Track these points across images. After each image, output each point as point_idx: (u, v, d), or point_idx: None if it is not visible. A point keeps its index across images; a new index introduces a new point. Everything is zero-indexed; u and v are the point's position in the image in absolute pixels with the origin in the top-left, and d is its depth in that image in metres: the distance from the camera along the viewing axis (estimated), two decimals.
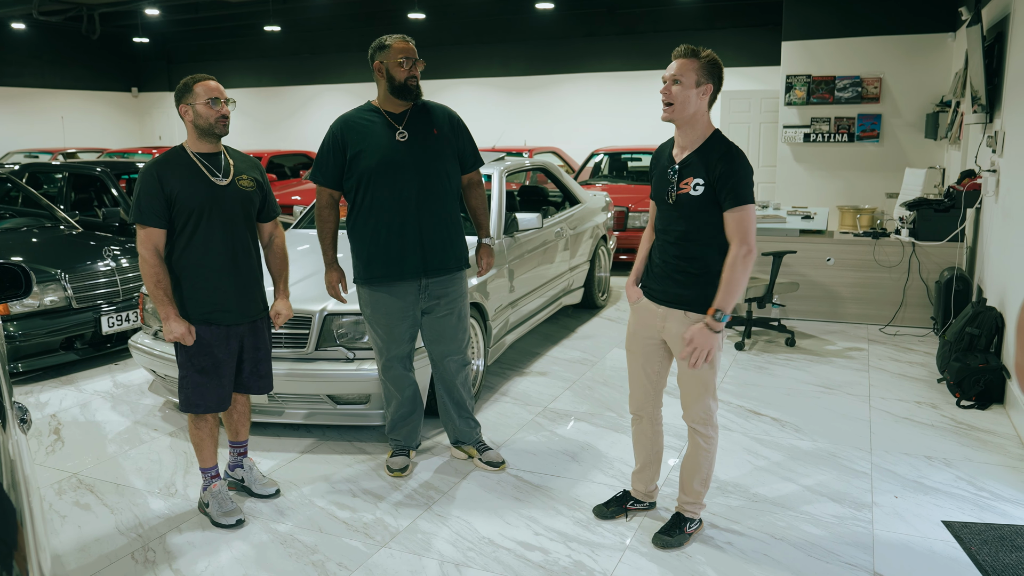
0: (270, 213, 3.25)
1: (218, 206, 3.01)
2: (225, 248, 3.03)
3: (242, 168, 3.13)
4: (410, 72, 3.26)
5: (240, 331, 3.12)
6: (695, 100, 2.65)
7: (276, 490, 3.36)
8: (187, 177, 2.98)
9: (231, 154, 3.15)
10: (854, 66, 8.61)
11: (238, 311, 3.09)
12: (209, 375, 3.07)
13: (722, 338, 2.79)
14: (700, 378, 2.79)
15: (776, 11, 9.90)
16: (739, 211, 2.63)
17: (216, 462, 3.24)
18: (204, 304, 3.03)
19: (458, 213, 3.48)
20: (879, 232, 5.95)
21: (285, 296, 3.27)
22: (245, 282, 3.10)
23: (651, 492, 3.17)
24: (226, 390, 3.13)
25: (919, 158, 8.46)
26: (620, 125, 14.52)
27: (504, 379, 4.84)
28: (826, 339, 5.63)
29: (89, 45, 17.43)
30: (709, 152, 2.68)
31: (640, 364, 2.95)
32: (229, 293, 3.05)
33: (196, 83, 2.99)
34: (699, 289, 2.73)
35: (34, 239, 5.73)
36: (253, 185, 3.12)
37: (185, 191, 2.96)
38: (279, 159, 12.02)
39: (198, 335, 3.03)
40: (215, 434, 3.22)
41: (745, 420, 4.15)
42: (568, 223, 5.87)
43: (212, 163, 3.05)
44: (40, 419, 4.33)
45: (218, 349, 3.07)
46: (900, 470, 3.53)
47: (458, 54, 15.93)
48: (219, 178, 3.03)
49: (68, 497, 3.42)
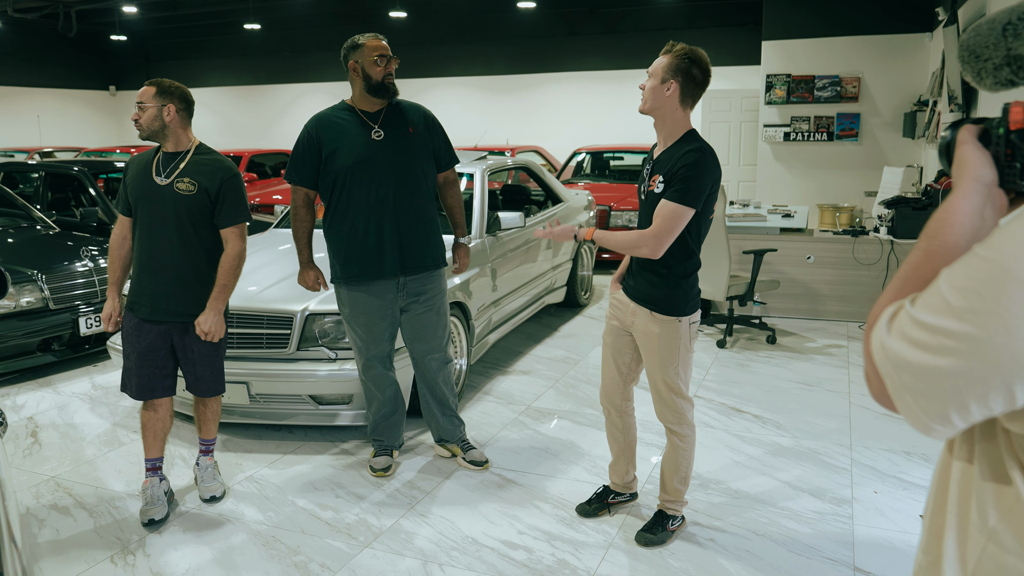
0: (222, 221, 3.13)
1: (150, 204, 3.07)
2: (148, 246, 3.09)
3: (190, 171, 3.09)
4: (386, 70, 3.26)
5: (161, 329, 3.13)
6: (660, 96, 2.67)
7: (211, 496, 3.31)
8: (139, 172, 3.11)
9: (200, 154, 3.14)
10: (833, 66, 8.68)
11: (155, 308, 3.11)
12: (132, 361, 3.15)
13: (693, 339, 2.81)
14: (664, 378, 2.81)
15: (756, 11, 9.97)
16: (670, 206, 2.61)
17: (155, 456, 3.25)
18: (131, 293, 3.16)
19: (435, 211, 3.48)
20: (858, 230, 6.01)
21: (212, 308, 3.08)
22: (163, 283, 3.09)
23: (629, 483, 3.18)
24: (144, 381, 3.14)
25: (897, 157, 8.55)
26: (602, 124, 14.54)
27: (487, 378, 4.83)
28: (806, 336, 5.68)
29: (66, 43, 17.21)
30: (676, 150, 2.69)
31: (611, 355, 2.99)
32: (148, 291, 3.11)
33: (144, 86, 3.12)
34: (666, 289, 2.75)
35: (10, 239, 5.65)
36: (193, 189, 3.07)
37: (132, 184, 3.12)
38: (259, 158, 11.92)
39: (124, 323, 3.18)
40: (156, 428, 3.22)
41: (727, 417, 4.17)
42: (551, 222, 5.85)
43: (166, 161, 3.11)
44: (17, 422, 4.27)
45: (137, 339, 3.12)
46: (880, 466, 3.57)
47: (440, 53, 15.89)
48: (161, 177, 3.08)
49: (46, 501, 3.38)
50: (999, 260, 0.79)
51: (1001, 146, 0.94)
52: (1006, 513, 0.90)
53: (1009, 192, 0.95)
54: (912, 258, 0.96)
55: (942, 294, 0.83)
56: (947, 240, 0.92)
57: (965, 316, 0.80)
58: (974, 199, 0.93)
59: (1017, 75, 0.90)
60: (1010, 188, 0.95)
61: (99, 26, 17.07)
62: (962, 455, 0.97)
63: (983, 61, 0.93)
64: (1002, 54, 0.90)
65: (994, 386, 0.80)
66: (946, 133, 1.02)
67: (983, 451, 0.94)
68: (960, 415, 0.83)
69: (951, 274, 0.84)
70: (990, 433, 0.93)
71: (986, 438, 0.94)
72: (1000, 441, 0.92)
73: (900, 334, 0.87)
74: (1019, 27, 0.88)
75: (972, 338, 0.79)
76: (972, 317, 0.79)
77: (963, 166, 0.97)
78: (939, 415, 0.84)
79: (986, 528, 0.92)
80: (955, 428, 0.85)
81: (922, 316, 0.84)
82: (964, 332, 0.80)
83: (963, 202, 0.93)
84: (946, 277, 0.84)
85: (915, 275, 0.93)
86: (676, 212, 2.61)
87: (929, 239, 0.94)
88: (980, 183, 0.94)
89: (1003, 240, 0.80)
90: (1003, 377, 0.79)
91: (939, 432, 0.86)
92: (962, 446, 0.98)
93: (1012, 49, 0.89)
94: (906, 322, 0.86)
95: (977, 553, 0.93)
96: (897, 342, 0.87)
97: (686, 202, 2.60)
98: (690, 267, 2.76)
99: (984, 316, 0.78)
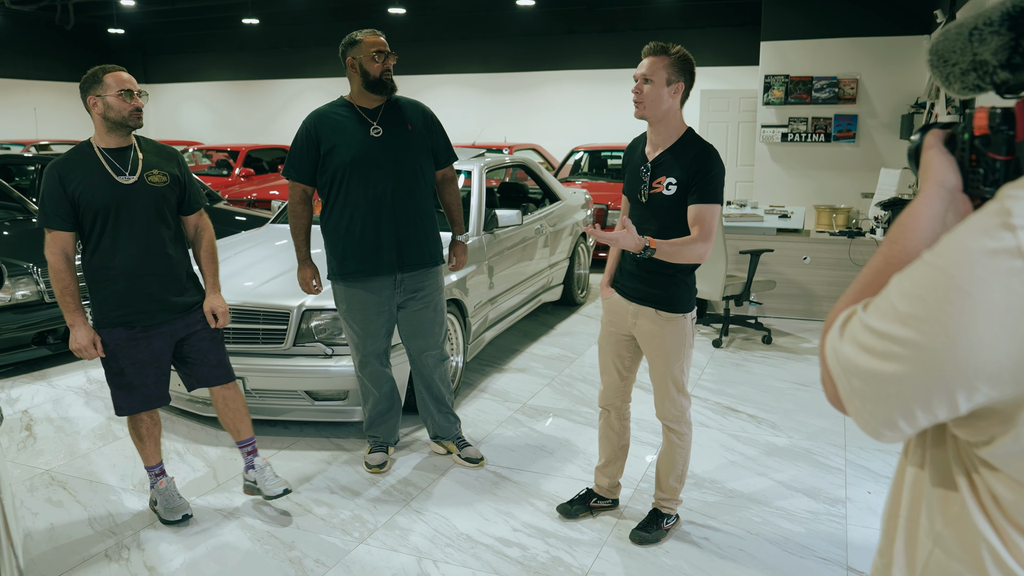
0: (191, 205, 3.06)
1: (126, 206, 2.85)
2: (136, 249, 2.89)
3: (153, 162, 2.94)
4: (384, 66, 3.25)
5: (168, 329, 2.99)
6: (666, 98, 2.65)
7: (284, 489, 3.14)
8: (90, 176, 2.82)
9: (144, 146, 2.96)
10: (831, 67, 8.69)
11: (157, 311, 2.95)
12: (129, 377, 2.96)
13: (694, 335, 2.82)
14: (671, 376, 2.82)
15: (755, 11, 9.98)
16: (706, 208, 2.64)
17: (159, 460, 3.17)
18: (118, 307, 2.91)
19: (432, 208, 3.48)
20: (855, 231, 6.02)
21: (216, 291, 3.08)
22: (163, 281, 2.95)
23: (614, 488, 3.18)
24: (150, 389, 3.01)
25: (894, 158, 8.56)
26: (600, 123, 14.55)
27: (483, 375, 4.84)
28: (802, 337, 5.69)
29: (63, 36, 17.13)
30: (683, 151, 2.69)
31: (611, 359, 2.98)
32: (145, 295, 2.92)
33: (106, 74, 2.83)
34: (670, 288, 2.76)
35: (5, 232, 5.63)
36: (166, 179, 2.94)
37: (88, 192, 2.81)
38: (257, 153, 11.90)
39: (109, 341, 2.92)
40: (154, 433, 3.14)
41: (722, 416, 4.18)
42: (548, 220, 5.88)
43: (119, 159, 2.88)
44: (12, 415, 4.26)
45: (137, 350, 2.95)
46: (873, 466, 3.58)
47: (438, 50, 15.87)
48: (125, 176, 2.86)
49: (40, 494, 3.37)
50: (943, 267, 0.78)
51: (966, 151, 0.94)
52: (952, 519, 0.90)
53: (974, 198, 0.94)
54: (873, 262, 0.95)
55: (891, 300, 0.83)
56: (907, 245, 0.92)
57: (910, 322, 0.80)
58: (936, 204, 0.93)
59: (983, 80, 0.90)
60: (974, 194, 0.94)
61: (97, 19, 17.01)
62: (915, 460, 0.98)
63: (951, 66, 0.94)
64: (968, 59, 0.91)
65: (937, 393, 0.79)
66: (915, 137, 1.02)
67: (933, 456, 0.94)
68: (906, 421, 0.83)
69: (901, 280, 0.84)
70: (940, 439, 0.94)
71: (936, 444, 0.94)
72: (948, 447, 0.92)
73: (851, 339, 0.86)
74: (984, 32, 0.88)
75: (916, 344, 0.79)
76: (916, 323, 0.79)
77: (928, 171, 0.96)
78: (886, 420, 0.84)
79: (933, 533, 0.92)
80: (903, 433, 0.86)
81: (872, 321, 0.84)
82: (908, 338, 0.80)
83: (925, 207, 0.93)
84: (896, 283, 0.84)
85: (875, 280, 0.93)
86: (712, 212, 2.64)
87: (891, 244, 0.94)
88: (943, 188, 0.94)
89: (948, 247, 0.80)
90: (945, 384, 0.78)
91: (888, 436, 0.86)
92: (915, 451, 0.98)
93: (977, 54, 0.89)
94: (857, 327, 0.86)
95: (924, 558, 0.93)
96: (847, 346, 0.87)
97: (717, 199, 2.65)
98: (697, 264, 2.78)
99: (927, 323, 0.78)
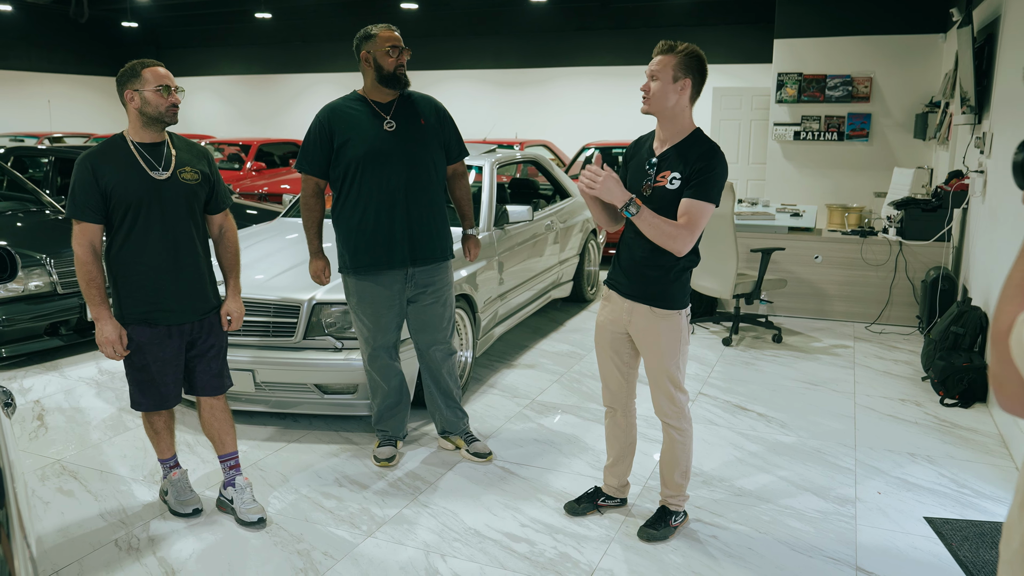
0: (218, 204, 3.04)
1: (157, 201, 2.81)
2: (165, 245, 2.85)
3: (186, 159, 2.91)
4: (398, 61, 3.26)
5: (187, 329, 2.95)
6: (672, 95, 2.66)
7: (259, 518, 3.03)
8: (123, 170, 2.79)
9: (176, 143, 2.94)
10: (845, 65, 8.64)
11: (181, 310, 2.91)
12: (152, 374, 2.93)
13: (688, 332, 2.83)
14: (667, 373, 2.82)
15: (768, 9, 9.92)
16: (699, 204, 2.62)
17: (173, 453, 3.16)
18: (143, 304, 2.86)
19: (444, 203, 3.48)
20: (867, 231, 5.99)
21: (236, 294, 3.06)
22: (189, 280, 2.91)
23: (623, 487, 3.17)
24: (170, 388, 2.98)
25: (908, 158, 8.50)
26: (611, 119, 14.52)
27: (492, 371, 4.84)
28: (812, 336, 5.66)
29: (77, 29, 17.23)
30: (689, 148, 2.69)
31: (609, 357, 2.97)
32: (171, 293, 2.88)
33: (144, 68, 2.81)
34: (666, 284, 2.76)
35: (19, 223, 5.67)
36: (197, 177, 2.91)
37: (121, 185, 2.78)
38: (268, 147, 11.94)
39: (135, 337, 2.89)
40: (170, 426, 3.13)
41: (731, 415, 4.17)
42: (558, 216, 5.87)
43: (153, 154, 2.85)
44: (24, 405, 4.29)
45: (160, 349, 2.91)
46: (883, 466, 3.56)
47: (450, 46, 15.87)
48: (159, 171, 2.83)
49: (51, 483, 3.40)
50: None
51: None
52: None
53: None
54: None
55: None
56: None
57: None
58: None
59: None
60: None
61: (110, 12, 17.10)
62: None
63: None
64: None
65: None
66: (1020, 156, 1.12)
67: None
68: None
69: None
70: None
71: None
72: None
73: None
74: None
75: None
76: None
77: None
78: None
79: None
80: None
81: None
82: None
83: None
84: None
85: None
86: (704, 209, 2.63)
87: None
88: None
89: None
90: None
91: None
92: None
93: None
94: None
95: None
96: None
97: (712, 199, 2.64)
98: (696, 261, 2.79)
99: None
